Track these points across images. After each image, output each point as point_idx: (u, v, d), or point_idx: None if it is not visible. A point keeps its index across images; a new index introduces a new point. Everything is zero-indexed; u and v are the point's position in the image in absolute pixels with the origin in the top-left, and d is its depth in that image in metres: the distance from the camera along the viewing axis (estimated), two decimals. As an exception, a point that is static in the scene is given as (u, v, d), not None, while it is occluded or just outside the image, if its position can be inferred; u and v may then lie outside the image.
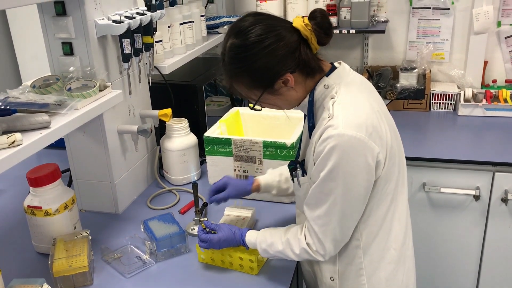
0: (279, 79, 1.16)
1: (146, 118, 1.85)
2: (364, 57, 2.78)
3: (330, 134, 1.09)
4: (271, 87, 1.17)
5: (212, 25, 2.35)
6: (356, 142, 1.09)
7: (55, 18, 1.47)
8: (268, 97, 1.20)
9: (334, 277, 1.31)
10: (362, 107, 1.14)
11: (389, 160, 1.17)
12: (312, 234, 1.20)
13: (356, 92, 1.19)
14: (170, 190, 1.87)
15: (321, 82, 1.20)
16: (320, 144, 1.12)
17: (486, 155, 2.07)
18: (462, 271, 2.25)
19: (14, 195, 1.87)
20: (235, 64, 1.17)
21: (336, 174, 1.11)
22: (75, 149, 1.66)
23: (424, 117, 2.51)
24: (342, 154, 1.09)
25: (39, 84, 1.44)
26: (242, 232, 1.34)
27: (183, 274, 1.39)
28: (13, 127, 1.19)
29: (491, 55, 2.59)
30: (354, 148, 1.09)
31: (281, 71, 1.15)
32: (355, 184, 1.13)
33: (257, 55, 1.13)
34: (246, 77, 1.18)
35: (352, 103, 1.15)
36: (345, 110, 1.12)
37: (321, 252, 1.21)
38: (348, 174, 1.11)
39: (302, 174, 1.28)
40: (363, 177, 1.13)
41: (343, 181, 1.11)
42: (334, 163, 1.10)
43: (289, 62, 1.15)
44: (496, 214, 2.10)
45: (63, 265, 1.31)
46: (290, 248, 1.25)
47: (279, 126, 1.90)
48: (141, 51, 1.63)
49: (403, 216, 1.29)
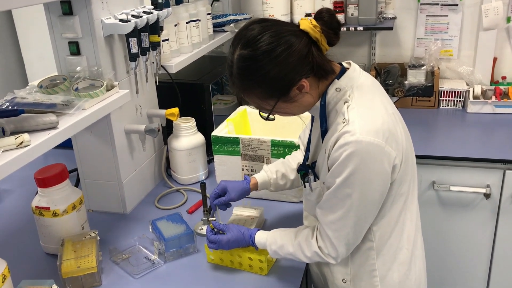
0: (294, 87, 1.12)
1: (153, 118, 1.84)
2: (372, 54, 2.76)
3: (348, 140, 1.07)
4: (286, 95, 1.13)
5: (218, 23, 2.34)
6: (373, 148, 1.07)
7: (62, 17, 1.46)
8: (282, 105, 1.16)
9: (346, 279, 1.29)
10: (378, 112, 1.12)
11: (404, 162, 1.15)
12: (325, 238, 1.19)
13: (370, 95, 1.17)
14: (177, 190, 1.86)
15: (333, 85, 1.17)
16: (336, 150, 1.10)
17: (496, 153, 2.04)
18: (472, 270, 2.23)
19: (22, 196, 1.86)
20: (246, 76, 1.12)
21: (353, 180, 1.09)
22: (82, 149, 1.65)
23: (433, 115, 2.49)
24: (360, 161, 1.07)
25: (46, 84, 1.44)
26: (251, 233, 1.33)
27: (192, 275, 1.38)
28: (21, 128, 1.18)
29: (500, 52, 2.56)
30: (372, 154, 1.07)
31: (296, 78, 1.11)
32: (371, 190, 1.11)
33: (269, 65, 1.09)
34: (258, 89, 1.13)
35: (368, 108, 1.13)
36: (361, 115, 1.10)
37: (333, 255, 1.19)
38: (365, 180, 1.09)
39: (314, 179, 1.26)
40: (379, 182, 1.11)
41: (359, 187, 1.10)
42: (352, 170, 1.08)
43: (303, 67, 1.11)
44: (507, 212, 2.08)
45: (72, 266, 1.31)
46: (301, 251, 1.23)
47: (287, 125, 1.88)
48: (148, 50, 1.62)
49: (414, 215, 1.28)
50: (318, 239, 1.21)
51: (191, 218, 1.66)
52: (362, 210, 1.14)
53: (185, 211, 1.70)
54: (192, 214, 1.69)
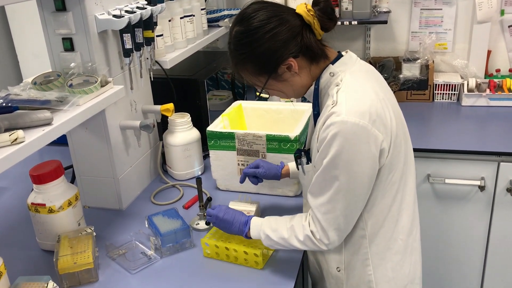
0: (282, 64, 1.17)
1: (148, 113, 1.84)
2: (367, 49, 2.76)
3: (333, 121, 1.09)
4: (275, 72, 1.18)
5: (213, 18, 2.34)
6: (358, 129, 1.08)
7: (55, 13, 1.46)
8: (273, 83, 1.22)
9: (340, 267, 1.30)
10: (366, 94, 1.14)
11: (394, 149, 1.16)
12: (316, 222, 1.20)
13: (361, 80, 1.19)
14: (173, 185, 1.86)
15: (327, 69, 1.20)
16: (323, 131, 1.12)
17: (490, 145, 2.05)
18: (467, 262, 2.25)
19: (17, 193, 1.86)
20: (240, 50, 1.19)
21: (338, 161, 1.11)
22: (77, 145, 1.65)
23: (428, 108, 2.50)
24: (344, 141, 1.09)
25: (40, 81, 1.43)
26: (248, 218, 1.34)
27: (188, 269, 1.39)
28: (15, 124, 1.18)
29: (494, 45, 2.57)
30: (357, 135, 1.09)
31: (283, 56, 1.16)
32: (359, 172, 1.12)
33: (260, 40, 1.15)
34: (250, 64, 1.20)
35: (357, 90, 1.15)
36: (349, 97, 1.12)
37: (325, 241, 1.20)
38: (351, 161, 1.11)
39: (306, 162, 1.28)
40: (366, 164, 1.12)
41: (346, 168, 1.11)
42: (337, 150, 1.10)
43: (291, 46, 1.15)
44: (502, 204, 2.09)
45: (68, 262, 1.31)
46: (294, 234, 1.24)
47: (282, 119, 1.89)
48: (142, 46, 1.61)
49: (410, 207, 1.28)
50: (311, 223, 1.22)
51: (187, 213, 1.66)
52: (351, 193, 1.15)
53: (181, 207, 1.70)
54: (188, 209, 1.69)
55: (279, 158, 1.65)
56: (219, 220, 1.36)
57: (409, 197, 1.27)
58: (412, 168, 1.29)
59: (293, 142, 1.62)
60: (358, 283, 1.29)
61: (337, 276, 1.32)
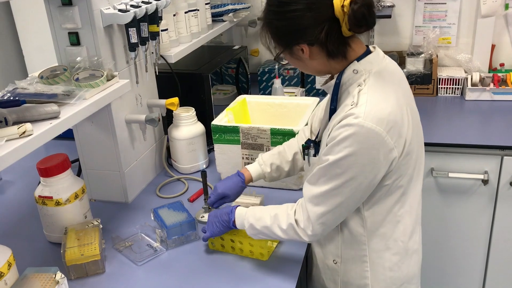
0: (295, 46, 1.17)
1: (153, 108, 1.85)
2: (371, 43, 2.76)
3: (350, 122, 1.08)
4: (289, 49, 1.19)
5: (217, 13, 2.34)
6: (373, 135, 1.07)
7: (61, 8, 1.47)
8: (287, 56, 1.23)
9: (337, 260, 1.32)
10: (388, 100, 1.12)
11: (405, 156, 1.15)
12: (304, 211, 1.19)
13: (384, 83, 1.15)
14: (178, 179, 1.87)
15: (351, 66, 1.17)
16: (337, 129, 1.11)
17: (494, 139, 2.06)
18: (470, 255, 2.26)
19: (24, 186, 1.88)
20: (267, 14, 1.20)
21: (345, 162, 1.10)
22: (83, 139, 1.67)
23: (432, 102, 2.50)
24: (357, 145, 1.08)
25: (47, 75, 1.45)
26: (232, 208, 1.34)
27: (193, 261, 1.40)
28: (23, 118, 1.19)
29: (498, 39, 2.56)
30: (370, 140, 1.08)
31: (299, 40, 1.15)
32: (361, 176, 1.11)
33: (282, 15, 1.15)
34: (270, 31, 1.21)
35: (378, 95, 1.12)
36: (370, 101, 1.10)
37: (308, 232, 1.19)
38: (357, 165, 1.10)
39: (314, 154, 1.28)
40: (370, 170, 1.11)
41: (350, 170, 1.10)
42: (347, 152, 1.09)
43: (308, 34, 1.13)
44: (505, 198, 2.10)
45: (75, 254, 1.33)
46: (277, 223, 1.23)
47: (286, 113, 1.90)
48: (147, 40, 1.62)
49: (414, 210, 1.27)
50: (297, 211, 1.22)
51: (193, 206, 1.68)
52: (347, 194, 1.14)
53: (186, 200, 1.71)
54: (193, 202, 1.71)
55: (283, 152, 1.66)
56: (209, 227, 1.37)
57: (414, 201, 1.26)
58: (421, 172, 1.28)
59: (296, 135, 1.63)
60: (354, 278, 1.30)
61: (334, 268, 1.33)
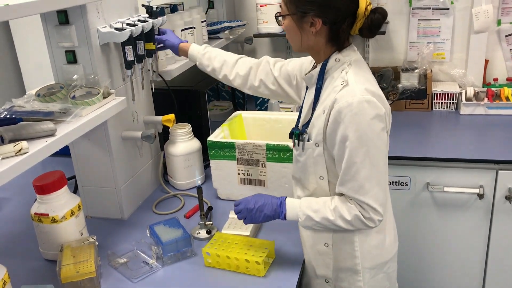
0: (313, 17, 1.22)
1: (149, 124, 1.86)
2: (365, 59, 2.79)
3: (350, 101, 1.18)
4: (302, 14, 1.23)
5: (213, 30, 2.37)
6: (373, 105, 1.19)
7: (58, 27, 1.49)
8: (291, 21, 1.27)
9: (328, 243, 1.36)
10: (371, 82, 1.26)
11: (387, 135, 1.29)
12: (361, 204, 1.24)
13: (364, 70, 1.29)
14: (175, 195, 1.88)
15: (334, 55, 1.28)
16: (339, 112, 1.19)
17: (489, 154, 2.07)
18: (468, 270, 2.25)
19: (20, 203, 1.88)
20: None
21: (363, 138, 1.19)
22: (80, 156, 1.67)
23: (426, 117, 2.52)
24: (364, 118, 1.18)
25: (44, 93, 1.46)
26: (281, 199, 1.35)
27: (189, 278, 1.40)
28: (19, 136, 1.20)
29: (492, 54, 2.59)
30: (373, 110, 1.19)
31: (318, 14, 1.21)
32: (382, 144, 1.23)
33: None
34: None
35: (363, 77, 1.25)
36: (358, 80, 1.22)
37: (376, 218, 1.24)
38: (374, 136, 1.20)
39: (308, 139, 1.32)
40: (383, 135, 1.23)
41: (372, 143, 1.20)
42: (360, 130, 1.18)
43: (332, 14, 1.21)
44: (501, 212, 2.10)
45: (71, 271, 1.33)
46: (339, 215, 1.26)
47: (281, 129, 1.91)
48: (143, 58, 1.64)
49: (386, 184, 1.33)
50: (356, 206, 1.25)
51: (189, 222, 1.68)
52: (381, 166, 1.24)
53: (182, 216, 1.72)
54: (189, 218, 1.71)
55: (279, 168, 1.68)
56: (249, 212, 1.35)
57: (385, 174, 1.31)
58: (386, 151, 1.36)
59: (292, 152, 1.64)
60: (345, 258, 1.36)
61: (325, 251, 1.38)
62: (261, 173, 1.72)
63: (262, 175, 1.72)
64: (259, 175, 1.72)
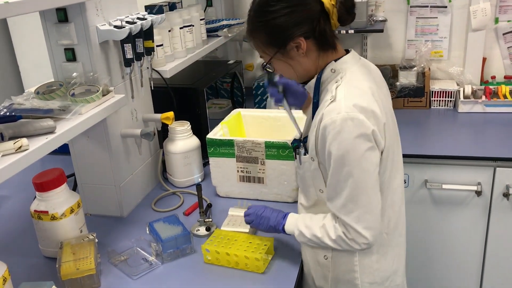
0: (292, 41, 1.20)
1: (148, 122, 1.86)
2: (364, 57, 2.78)
3: (333, 119, 1.14)
4: (284, 47, 1.22)
5: (212, 28, 2.37)
6: (358, 123, 1.13)
7: (57, 25, 1.49)
8: (280, 58, 1.25)
9: (327, 255, 1.35)
10: (363, 94, 1.18)
11: (387, 149, 1.21)
12: (341, 225, 1.22)
13: (360, 79, 1.23)
14: (174, 193, 1.88)
15: (329, 66, 1.25)
16: (324, 129, 1.16)
17: (487, 151, 2.08)
18: (465, 267, 2.26)
19: (20, 201, 1.88)
20: (257, 18, 1.23)
21: (347, 158, 1.15)
22: (79, 153, 1.68)
23: (425, 115, 2.53)
24: (348, 136, 1.13)
25: (43, 90, 1.46)
26: (286, 213, 1.38)
27: (189, 275, 1.40)
28: (19, 133, 1.20)
29: (489, 52, 2.60)
30: (358, 128, 1.13)
31: (295, 33, 1.20)
32: (368, 164, 1.16)
33: (278, 12, 1.19)
34: (263, 33, 1.23)
35: (355, 89, 1.19)
36: (348, 93, 1.17)
37: (360, 241, 1.20)
38: (358, 155, 1.15)
39: (304, 153, 1.31)
40: (371, 155, 1.16)
41: (356, 163, 1.15)
42: (342, 148, 1.14)
43: (305, 27, 1.19)
44: (498, 209, 2.11)
45: (71, 268, 1.33)
46: (327, 233, 1.25)
47: (280, 126, 1.92)
48: (142, 56, 1.64)
49: (397, 204, 1.33)
50: (340, 225, 1.23)
51: (188, 220, 1.68)
52: (366, 187, 1.18)
53: (181, 213, 1.72)
54: (188, 216, 1.71)
55: (278, 165, 1.68)
56: (258, 217, 1.41)
57: (396, 196, 1.31)
58: (400, 166, 1.34)
59: (291, 149, 1.65)
60: (344, 271, 1.34)
61: (324, 264, 1.36)
62: (260, 171, 1.72)
63: (261, 172, 1.73)
64: (258, 173, 1.73)
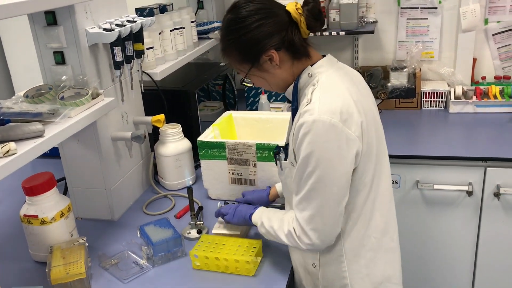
0: (264, 54, 1.22)
1: (139, 125, 1.86)
2: (355, 58, 2.80)
3: (306, 120, 1.15)
4: (257, 61, 1.24)
5: (203, 30, 2.37)
6: (330, 127, 1.13)
7: (46, 28, 1.48)
8: (255, 72, 1.27)
9: (316, 263, 1.34)
10: (340, 94, 1.19)
11: (367, 151, 1.21)
12: (295, 220, 1.23)
13: (336, 81, 1.23)
14: (165, 195, 1.88)
15: (306, 70, 1.25)
16: (297, 130, 1.17)
17: (477, 151, 2.09)
18: (457, 267, 2.27)
19: (9, 205, 1.87)
20: (228, 36, 1.25)
21: (311, 159, 1.15)
22: (69, 157, 1.67)
23: (416, 116, 2.54)
24: (316, 139, 1.14)
25: (32, 94, 1.45)
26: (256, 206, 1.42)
27: (180, 278, 1.40)
28: (7, 137, 1.20)
29: (479, 53, 2.62)
30: (328, 133, 1.13)
31: (266, 46, 1.21)
32: (331, 170, 1.16)
33: (246, 28, 1.21)
34: (235, 50, 1.25)
35: (330, 90, 1.20)
36: (323, 96, 1.17)
37: (305, 241, 1.22)
38: (322, 159, 1.14)
39: (284, 158, 1.31)
40: (338, 162, 1.16)
41: (318, 166, 1.15)
42: (310, 149, 1.14)
43: (275, 39, 1.21)
44: (489, 208, 2.12)
45: (61, 273, 1.32)
46: (282, 227, 1.27)
47: (271, 128, 1.92)
48: (132, 58, 1.64)
49: (385, 208, 1.32)
50: (293, 220, 1.24)
51: (179, 222, 1.68)
52: (324, 192, 1.17)
53: (173, 216, 1.72)
54: (180, 219, 1.71)
55: (270, 167, 1.68)
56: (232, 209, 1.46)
57: (383, 197, 1.31)
58: (386, 169, 1.33)
59: (282, 151, 1.65)
60: (333, 279, 1.33)
61: (313, 272, 1.35)
62: (252, 173, 1.72)
63: (252, 174, 1.72)
64: (250, 175, 1.73)
